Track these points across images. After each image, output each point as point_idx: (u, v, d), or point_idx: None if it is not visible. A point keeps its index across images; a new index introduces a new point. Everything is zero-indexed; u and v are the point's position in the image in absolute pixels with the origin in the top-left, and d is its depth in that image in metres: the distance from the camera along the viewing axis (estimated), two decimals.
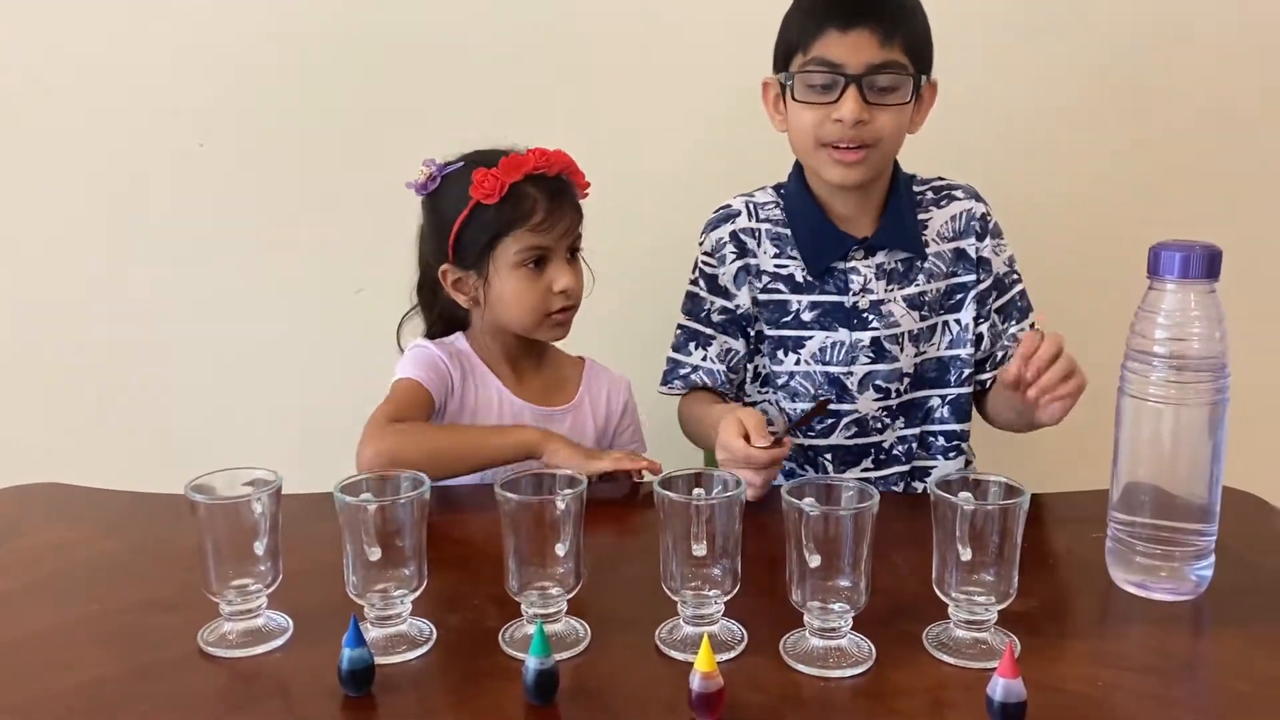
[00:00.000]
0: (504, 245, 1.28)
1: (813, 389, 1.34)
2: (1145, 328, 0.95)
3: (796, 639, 0.88)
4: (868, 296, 1.32)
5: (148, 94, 1.77)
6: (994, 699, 0.76)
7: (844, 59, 1.22)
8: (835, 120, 1.23)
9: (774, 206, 1.37)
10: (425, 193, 1.32)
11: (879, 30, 1.21)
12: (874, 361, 1.33)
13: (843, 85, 1.22)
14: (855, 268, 1.33)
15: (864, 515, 0.84)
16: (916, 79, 1.25)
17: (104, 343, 1.86)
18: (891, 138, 1.26)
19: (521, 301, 1.30)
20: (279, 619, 0.92)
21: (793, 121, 1.29)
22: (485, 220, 1.28)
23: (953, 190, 1.38)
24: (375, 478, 0.91)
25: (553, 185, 1.29)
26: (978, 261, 1.36)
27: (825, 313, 1.33)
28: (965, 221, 1.36)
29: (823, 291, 1.33)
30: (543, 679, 0.80)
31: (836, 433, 1.35)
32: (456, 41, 1.75)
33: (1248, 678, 0.84)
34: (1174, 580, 0.96)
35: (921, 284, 1.33)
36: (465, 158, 1.32)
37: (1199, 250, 0.92)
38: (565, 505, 0.87)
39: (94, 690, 0.84)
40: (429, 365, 1.32)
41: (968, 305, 1.35)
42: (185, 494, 0.88)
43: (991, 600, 0.87)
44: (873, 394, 1.33)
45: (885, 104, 1.24)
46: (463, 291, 1.33)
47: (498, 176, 1.26)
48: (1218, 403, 0.94)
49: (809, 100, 1.25)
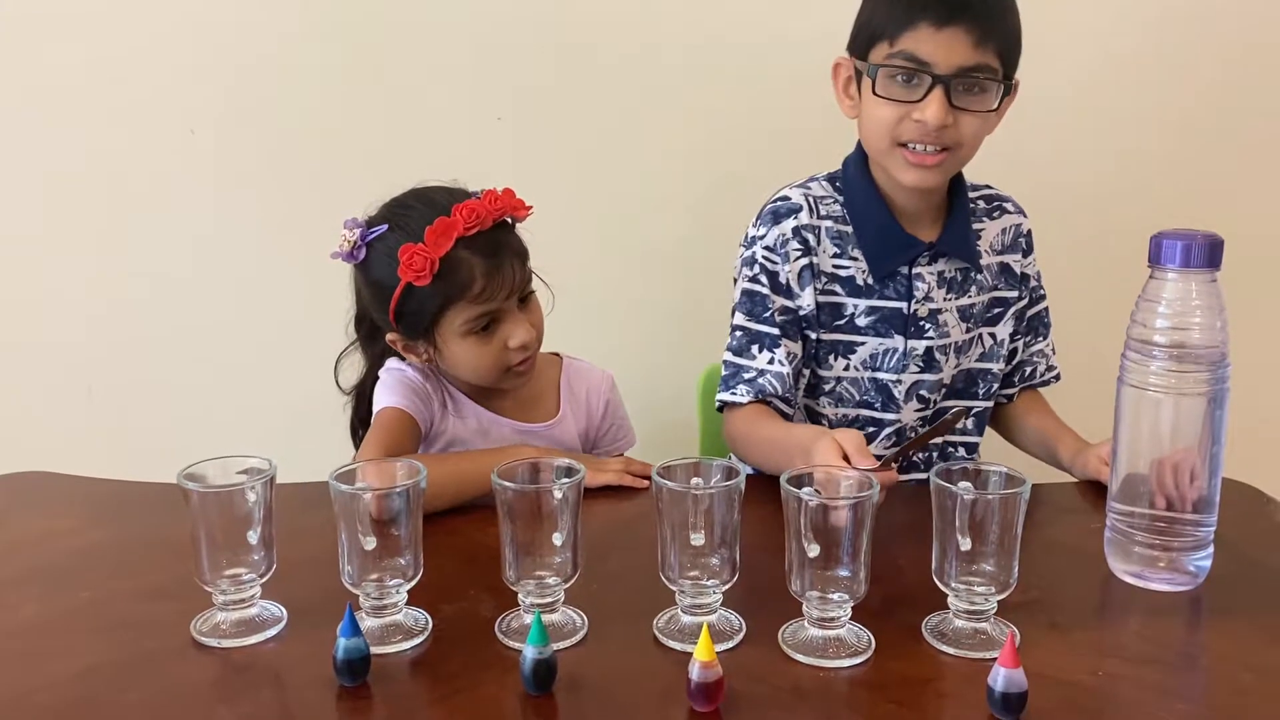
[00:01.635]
0: (447, 318, 1.19)
1: (858, 395, 1.28)
2: (1146, 317, 0.94)
3: (795, 629, 0.87)
4: (928, 305, 1.26)
5: (142, 88, 1.75)
6: (995, 689, 0.76)
7: (935, 57, 1.13)
8: (916, 120, 1.15)
9: (833, 202, 1.27)
10: (353, 262, 1.22)
11: (976, 30, 1.12)
12: (922, 371, 1.27)
13: (929, 85, 1.13)
14: (920, 274, 1.25)
15: (863, 505, 0.83)
16: (1005, 83, 1.17)
17: (94, 333, 1.85)
18: (972, 142, 1.18)
19: (479, 364, 1.23)
20: (273, 609, 0.91)
21: (868, 113, 1.19)
22: (421, 297, 1.18)
23: (1003, 202, 1.34)
24: (370, 467, 0.90)
25: (488, 243, 1.18)
26: (1021, 278, 1.33)
27: (883, 318, 1.26)
28: (1013, 236, 1.32)
29: (882, 296, 1.26)
30: (540, 669, 0.79)
31: (876, 443, 1.29)
32: (457, 39, 1.74)
33: (1247, 667, 0.84)
34: (1172, 571, 0.96)
35: (973, 295, 1.29)
36: (388, 216, 1.21)
37: (1201, 239, 0.92)
38: (562, 494, 0.86)
39: (85, 680, 0.83)
40: (410, 391, 1.24)
41: (1006, 320, 1.32)
42: (178, 482, 0.87)
43: (991, 590, 0.86)
44: (916, 404, 1.28)
45: (971, 109, 1.15)
46: (414, 354, 1.26)
47: (425, 254, 1.14)
48: (1218, 393, 0.94)
49: (890, 96, 1.16)
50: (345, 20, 1.74)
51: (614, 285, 1.64)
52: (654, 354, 1.43)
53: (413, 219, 1.18)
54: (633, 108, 1.75)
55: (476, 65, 1.74)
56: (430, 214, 1.17)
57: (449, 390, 1.30)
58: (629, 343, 1.62)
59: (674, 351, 1.75)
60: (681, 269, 1.77)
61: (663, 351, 1.41)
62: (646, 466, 1.20)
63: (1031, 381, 1.37)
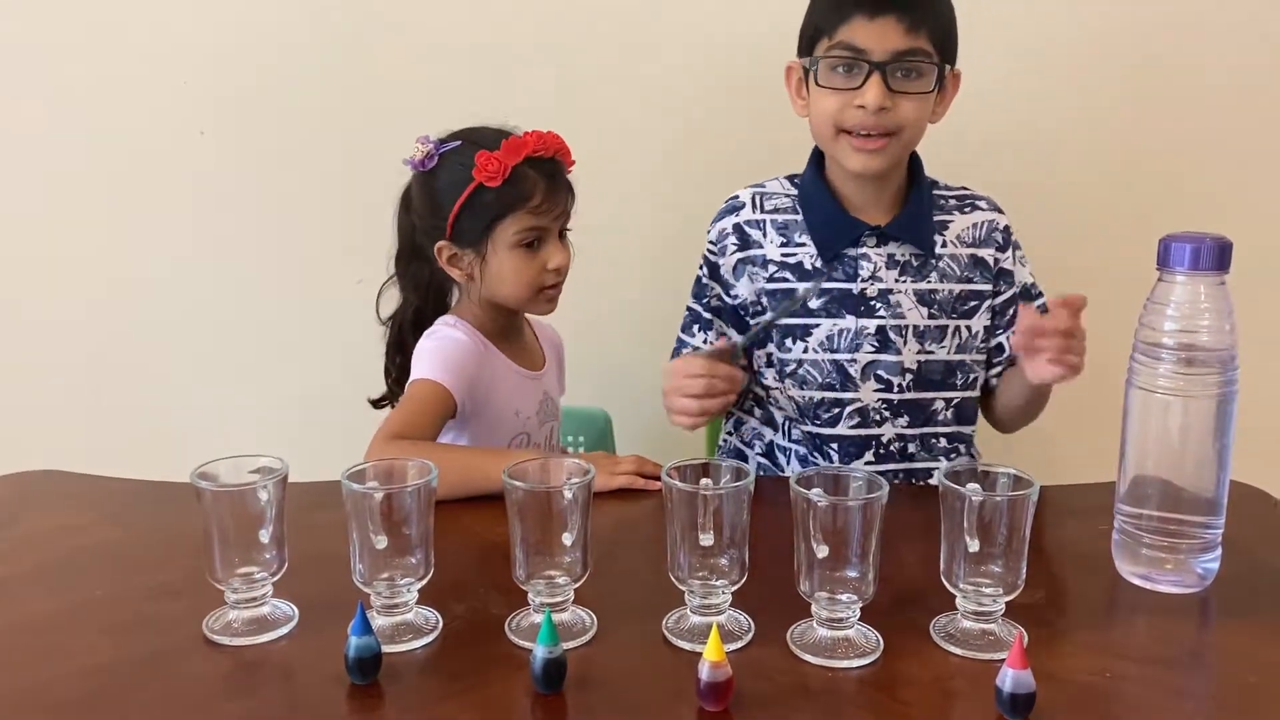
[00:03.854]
0: (503, 226, 1.29)
1: (821, 377, 1.34)
2: (1154, 320, 0.95)
3: (804, 629, 0.88)
4: (876, 285, 1.32)
5: (148, 85, 1.76)
6: (1003, 690, 0.76)
7: (869, 45, 1.22)
8: (858, 107, 1.23)
9: (783, 196, 1.38)
10: (423, 170, 1.32)
11: (906, 17, 1.21)
12: (878, 351, 1.33)
13: (867, 72, 1.22)
14: (866, 254, 1.33)
15: (872, 506, 0.83)
16: (941, 68, 1.25)
17: (104, 331, 1.86)
18: (913, 126, 1.26)
19: (519, 279, 1.31)
20: (284, 607, 0.92)
21: (814, 107, 1.28)
22: (486, 201, 1.28)
23: (976, 200, 1.39)
24: (382, 466, 0.91)
25: (549, 168, 1.31)
26: (998, 273, 1.36)
27: (833, 299, 1.33)
28: (987, 231, 1.36)
29: (830, 279, 1.33)
30: (550, 667, 0.79)
31: (841, 423, 1.35)
32: (456, 38, 1.75)
33: (1255, 669, 0.84)
34: (1180, 573, 0.96)
35: (934, 281, 1.33)
36: (460, 135, 1.32)
37: (1209, 242, 0.92)
38: (572, 494, 0.87)
39: (97, 677, 0.84)
40: (454, 364, 1.29)
41: (981, 313, 1.35)
42: (191, 481, 0.87)
43: (999, 591, 0.87)
44: (874, 384, 1.33)
45: (909, 92, 1.24)
46: (458, 267, 1.33)
47: (500, 160, 1.26)
48: (1226, 395, 0.94)
49: (832, 86, 1.25)
50: (354, 22, 1.74)
51: (621, 284, 1.64)
52: (661, 353, 1.44)
53: (485, 137, 1.30)
54: (633, 108, 1.76)
55: (478, 66, 1.75)
56: (499, 134, 1.30)
57: (485, 344, 1.35)
58: (635, 342, 1.62)
59: None
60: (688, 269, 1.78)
61: (663, 351, 1.43)
62: (658, 467, 1.21)
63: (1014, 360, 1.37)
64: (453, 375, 1.28)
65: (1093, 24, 1.72)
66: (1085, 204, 1.77)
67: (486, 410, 1.33)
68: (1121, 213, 1.74)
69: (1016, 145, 1.50)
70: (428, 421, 1.24)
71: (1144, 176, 1.76)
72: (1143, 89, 1.74)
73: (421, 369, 1.29)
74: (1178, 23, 1.72)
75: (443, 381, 1.27)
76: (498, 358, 1.36)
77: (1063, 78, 1.73)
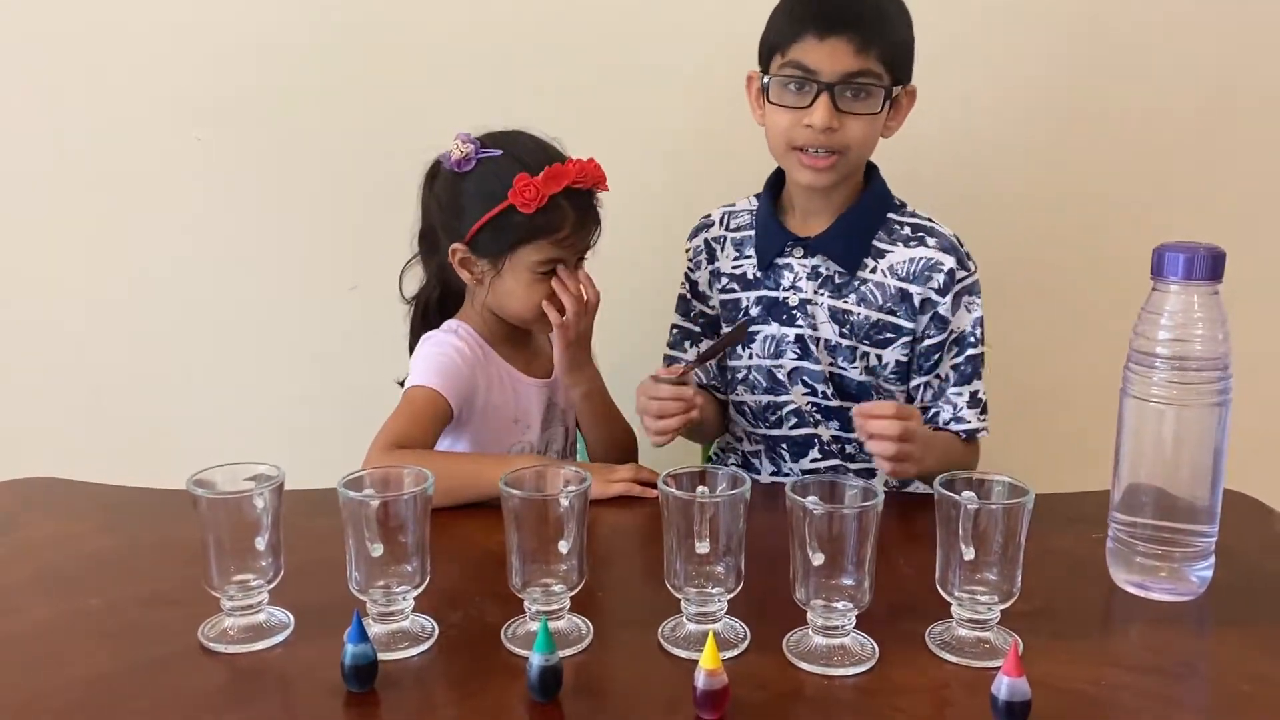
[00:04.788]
0: (525, 250, 1.28)
1: (763, 380, 1.37)
2: (1148, 329, 0.95)
3: (800, 637, 0.88)
4: (797, 294, 1.34)
5: (146, 89, 1.76)
6: (999, 698, 0.76)
7: (819, 65, 1.23)
8: (806, 125, 1.25)
9: (746, 214, 1.41)
10: (459, 170, 1.29)
11: (856, 39, 1.22)
12: (800, 358, 1.35)
13: (816, 91, 1.24)
14: (790, 264, 1.35)
15: (868, 514, 0.84)
16: (889, 89, 1.25)
17: (100, 335, 1.85)
18: (861, 145, 1.27)
19: (529, 301, 1.30)
20: (280, 614, 0.92)
21: (768, 120, 1.30)
22: (514, 223, 1.26)
23: (928, 237, 1.33)
24: (378, 473, 0.91)
25: (584, 201, 1.29)
26: (932, 316, 1.32)
27: (766, 307, 1.37)
28: (924, 268, 1.31)
29: (764, 286, 1.37)
30: (546, 675, 0.79)
31: (784, 424, 1.39)
32: (455, 39, 1.75)
33: (1248, 677, 0.84)
34: (1174, 581, 0.97)
35: (851, 303, 1.33)
36: (502, 144, 1.29)
37: (1203, 252, 0.93)
38: (569, 502, 0.87)
39: (93, 685, 0.83)
40: (451, 371, 1.28)
41: (896, 347, 1.33)
42: (187, 489, 0.88)
43: (994, 599, 0.87)
44: (801, 388, 1.36)
45: (856, 113, 1.25)
46: (469, 271, 1.32)
47: (539, 188, 1.24)
48: (1220, 404, 0.94)
49: (783, 103, 1.27)
50: (350, 25, 1.74)
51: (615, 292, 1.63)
52: (656, 362, 1.44)
53: (525, 155, 1.28)
54: (631, 111, 1.76)
55: (477, 68, 1.75)
56: (540, 155, 1.28)
57: (483, 351, 1.34)
58: (631, 350, 1.62)
59: None
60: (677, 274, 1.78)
61: (659, 358, 1.43)
62: (654, 475, 1.21)
63: (934, 425, 1.35)
64: (448, 381, 1.27)
65: (1085, 31, 1.73)
66: (1079, 214, 1.77)
67: (483, 417, 1.33)
68: (1116, 222, 1.75)
69: (1009, 155, 1.51)
70: (424, 429, 1.24)
71: (1138, 185, 1.77)
72: (1137, 97, 1.75)
73: (417, 375, 1.28)
74: (1173, 21, 1.72)
75: (438, 388, 1.26)
76: (498, 365, 1.35)
77: (1055, 87, 1.74)
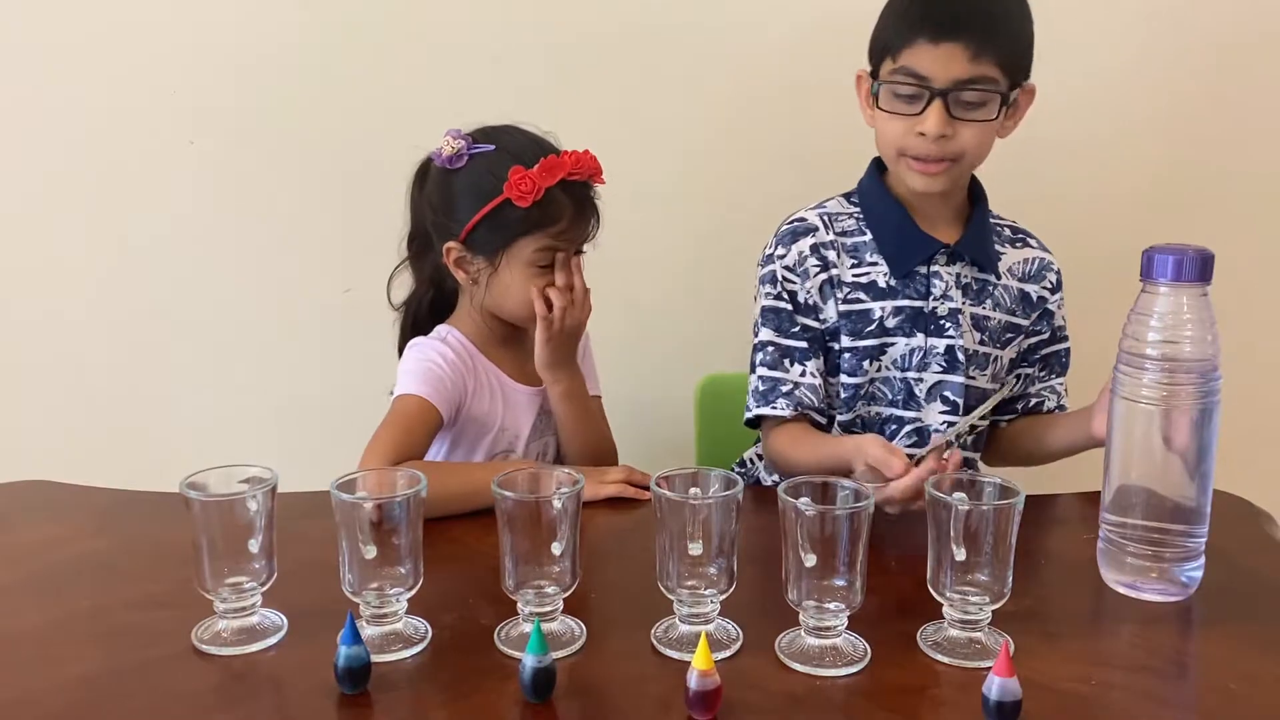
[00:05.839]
0: (522, 244, 1.26)
1: (890, 395, 1.31)
2: (1138, 330, 0.96)
3: (792, 638, 0.88)
4: (947, 304, 1.29)
5: (140, 94, 1.76)
6: (990, 697, 0.76)
7: (932, 72, 1.18)
8: (919, 133, 1.20)
9: (847, 217, 1.33)
10: (451, 166, 1.28)
11: (971, 44, 1.17)
12: (945, 371, 1.29)
13: (928, 98, 1.19)
14: (938, 272, 1.29)
15: (860, 515, 0.84)
16: (1005, 94, 1.21)
17: (94, 338, 1.85)
18: (975, 152, 1.23)
19: (524, 298, 1.28)
20: (274, 616, 0.92)
21: (878, 126, 1.26)
22: (511, 218, 1.25)
23: (1028, 237, 1.37)
24: (371, 476, 0.91)
25: (580, 192, 1.28)
26: (1042, 313, 1.35)
27: (906, 318, 1.29)
28: (1038, 268, 1.35)
29: (904, 296, 1.29)
30: (540, 677, 0.80)
31: (898, 440, 1.31)
32: (453, 40, 1.75)
33: (1237, 676, 0.85)
34: (1164, 581, 0.97)
35: (989, 308, 1.31)
36: (494, 138, 1.28)
37: (1192, 253, 0.93)
38: (562, 504, 0.87)
39: (85, 688, 0.83)
40: (440, 379, 1.27)
41: (1014, 345, 1.33)
42: (180, 491, 0.87)
43: (986, 600, 0.87)
44: (940, 405, 1.30)
45: (970, 119, 1.20)
46: (464, 270, 1.30)
47: (534, 180, 1.23)
48: (1209, 405, 0.95)
49: (894, 110, 1.22)
50: (346, 26, 1.74)
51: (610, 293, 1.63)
52: (650, 363, 1.44)
53: (518, 148, 1.26)
54: (630, 114, 1.76)
55: (476, 69, 1.75)
56: (534, 147, 1.26)
57: (471, 358, 1.33)
58: (624, 351, 1.62)
59: (670, 360, 1.76)
60: (679, 277, 1.78)
61: (659, 360, 1.42)
62: (647, 477, 1.21)
63: (1038, 412, 1.37)
64: (437, 389, 1.26)
65: (1076, 32, 1.73)
66: (1069, 214, 1.78)
67: (470, 424, 1.32)
68: (1106, 224, 1.76)
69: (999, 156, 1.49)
70: (417, 438, 1.22)
71: (1128, 187, 1.77)
72: (1128, 99, 1.75)
73: (406, 383, 1.27)
74: (1166, 22, 1.73)
75: (428, 396, 1.25)
76: (488, 371, 1.34)
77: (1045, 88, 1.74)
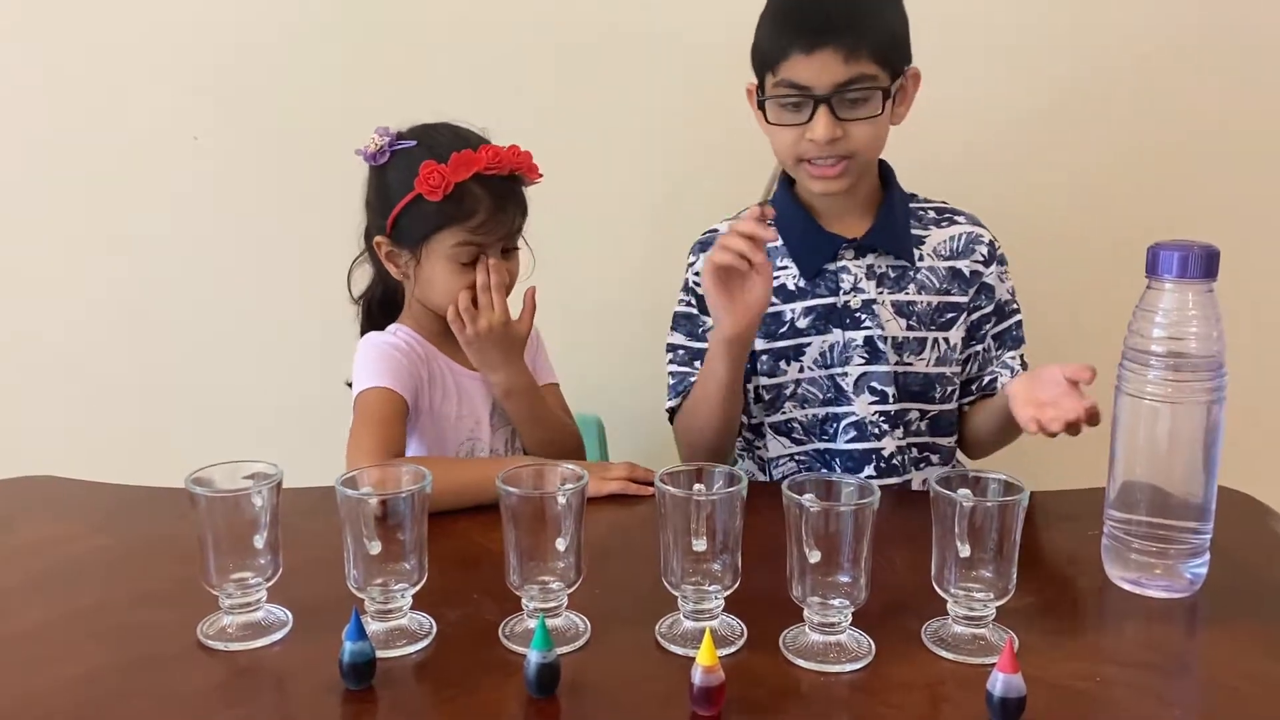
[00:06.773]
0: (440, 238, 1.27)
1: (820, 394, 1.34)
2: (1143, 327, 0.95)
3: (796, 634, 0.88)
4: (859, 296, 1.32)
5: (143, 90, 1.76)
6: (994, 694, 0.76)
7: (811, 80, 1.21)
8: (809, 139, 1.23)
9: None
10: (374, 163, 1.30)
11: (843, 46, 1.19)
12: (868, 362, 1.32)
13: (813, 106, 1.21)
14: (845, 267, 1.33)
15: (864, 511, 0.84)
16: (887, 88, 1.23)
17: (99, 335, 1.85)
18: (869, 147, 1.26)
19: (448, 291, 1.28)
20: (279, 612, 0.92)
21: (771, 136, 1.29)
22: (426, 211, 1.26)
23: (955, 215, 1.38)
24: (375, 472, 0.91)
25: (500, 187, 1.27)
26: (979, 287, 1.35)
27: (819, 316, 1.33)
28: (966, 243, 1.35)
29: (815, 295, 1.33)
30: (544, 672, 0.80)
31: (838, 437, 1.34)
32: (456, 41, 1.75)
33: (1242, 674, 0.85)
34: (1169, 578, 0.97)
35: (912, 293, 1.33)
36: (417, 135, 1.29)
37: (1197, 250, 0.93)
38: (566, 500, 0.87)
39: (91, 684, 0.84)
40: (394, 367, 1.27)
41: (958, 326, 1.35)
42: (186, 487, 0.88)
43: (990, 596, 0.87)
44: (869, 396, 1.33)
45: (857, 118, 1.23)
46: (394, 264, 1.32)
47: (444, 174, 1.23)
48: (1214, 402, 0.95)
49: (782, 122, 1.25)
50: (347, 24, 1.74)
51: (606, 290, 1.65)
52: (647, 361, 1.44)
53: (440, 143, 1.27)
54: (623, 113, 1.76)
55: (475, 69, 1.75)
56: (458, 144, 1.26)
57: (423, 349, 1.33)
58: (621, 349, 1.62)
59: None
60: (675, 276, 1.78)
61: (656, 359, 1.43)
62: (650, 473, 1.21)
63: (990, 392, 1.36)
64: (394, 376, 1.26)
65: (1080, 31, 1.73)
66: (1074, 211, 1.78)
67: (430, 415, 1.32)
68: (1111, 220, 1.75)
69: (1004, 152, 1.51)
70: (395, 430, 1.23)
71: (1133, 184, 1.77)
72: (1132, 96, 1.75)
73: (366, 378, 1.27)
74: (1168, 22, 1.73)
75: (390, 385, 1.25)
76: (440, 361, 1.34)
77: (1051, 86, 1.74)
